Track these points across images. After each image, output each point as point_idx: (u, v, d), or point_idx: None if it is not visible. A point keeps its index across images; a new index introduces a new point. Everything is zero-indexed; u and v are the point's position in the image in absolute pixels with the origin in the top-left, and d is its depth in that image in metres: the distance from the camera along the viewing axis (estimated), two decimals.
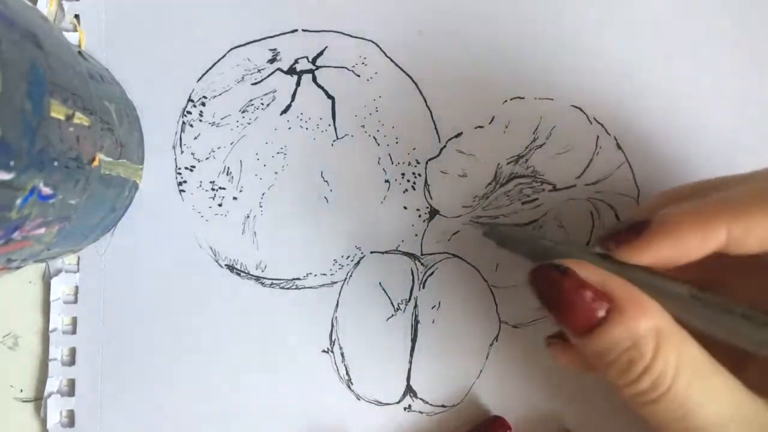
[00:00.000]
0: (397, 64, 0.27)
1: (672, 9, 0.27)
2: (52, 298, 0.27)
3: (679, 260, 0.19)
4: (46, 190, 0.18)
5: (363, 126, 0.27)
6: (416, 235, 0.27)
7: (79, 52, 0.25)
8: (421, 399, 0.27)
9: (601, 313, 0.18)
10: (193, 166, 0.27)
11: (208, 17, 0.27)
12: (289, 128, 0.27)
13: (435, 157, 0.27)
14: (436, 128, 0.27)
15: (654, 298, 0.19)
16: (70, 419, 0.27)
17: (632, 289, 0.19)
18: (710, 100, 0.27)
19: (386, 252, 0.27)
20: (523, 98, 0.27)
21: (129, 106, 0.26)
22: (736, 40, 0.27)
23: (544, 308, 0.20)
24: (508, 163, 0.27)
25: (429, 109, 0.27)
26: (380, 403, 0.27)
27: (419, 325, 0.27)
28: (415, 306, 0.27)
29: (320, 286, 0.27)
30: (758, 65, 0.27)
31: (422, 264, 0.27)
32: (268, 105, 0.27)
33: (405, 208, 0.27)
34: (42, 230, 0.19)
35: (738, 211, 0.18)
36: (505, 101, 0.27)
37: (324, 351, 0.27)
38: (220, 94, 0.27)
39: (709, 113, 0.27)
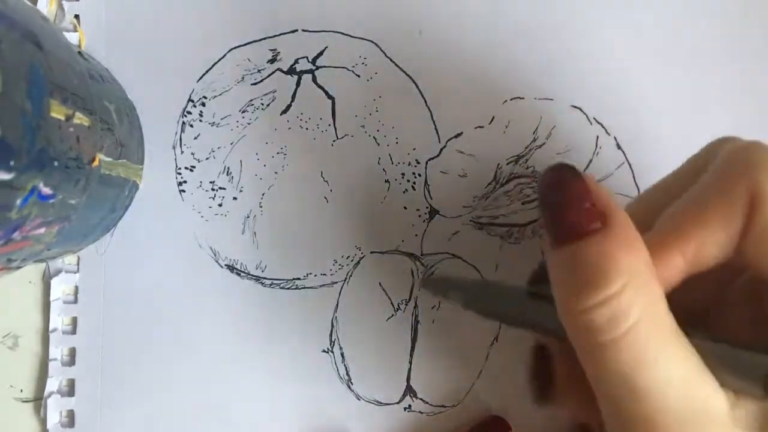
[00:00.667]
0: (397, 64, 0.27)
1: (672, 9, 0.27)
2: (52, 298, 0.27)
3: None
4: (46, 190, 0.18)
5: (363, 126, 0.27)
6: (416, 235, 0.27)
7: (79, 52, 0.25)
8: (421, 399, 0.27)
9: (593, 226, 0.17)
10: (193, 166, 0.27)
11: (208, 17, 0.27)
12: (289, 128, 0.27)
13: (435, 157, 0.27)
14: (436, 128, 0.27)
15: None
16: (70, 419, 0.27)
17: (630, 225, 0.17)
18: (710, 99, 0.27)
19: (386, 252, 0.27)
20: (523, 98, 0.27)
21: (129, 106, 0.26)
22: (737, 40, 0.27)
23: (541, 207, 0.19)
24: (508, 163, 0.27)
25: (429, 109, 0.27)
26: (380, 403, 0.27)
27: (419, 325, 0.27)
28: (415, 306, 0.27)
29: (320, 286, 0.27)
30: (758, 65, 0.27)
31: (422, 264, 0.27)
32: (268, 105, 0.27)
33: (405, 208, 0.27)
34: (42, 230, 0.19)
35: (686, 235, 0.17)
36: (505, 101, 0.27)
37: (324, 351, 0.27)
38: (220, 94, 0.27)
39: (709, 113, 0.27)
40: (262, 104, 0.27)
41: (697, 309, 0.20)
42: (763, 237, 0.16)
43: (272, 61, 0.27)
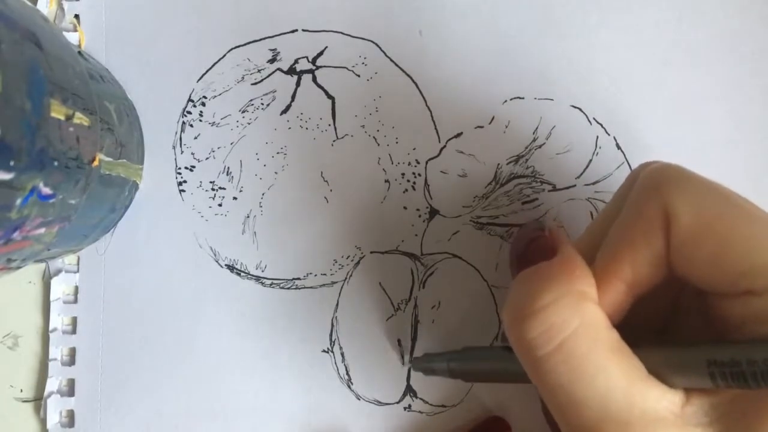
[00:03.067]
0: (397, 64, 0.27)
1: (672, 9, 0.27)
2: (52, 298, 0.27)
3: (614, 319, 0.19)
4: (46, 190, 0.18)
5: (363, 126, 0.27)
6: (416, 235, 0.27)
7: (79, 52, 0.25)
8: (421, 399, 0.27)
9: (541, 258, 0.19)
10: (193, 166, 0.27)
11: (208, 17, 0.27)
12: (289, 128, 0.27)
13: (435, 157, 0.27)
14: (436, 128, 0.27)
15: None
16: (70, 419, 0.27)
17: (574, 255, 0.18)
18: (709, 99, 0.27)
19: (386, 252, 0.27)
20: (523, 98, 0.27)
21: (129, 106, 0.26)
22: (736, 41, 0.27)
23: (510, 255, 0.22)
24: (508, 163, 0.27)
25: (429, 109, 0.27)
26: (380, 403, 0.27)
27: (419, 325, 0.27)
28: (415, 306, 0.27)
29: (320, 286, 0.27)
30: (758, 65, 0.27)
31: (422, 264, 0.27)
32: (268, 105, 0.27)
33: (405, 208, 0.27)
34: (42, 230, 0.19)
35: (620, 261, 0.18)
36: (505, 101, 0.27)
37: (324, 351, 0.27)
38: (220, 94, 0.27)
39: (708, 113, 0.27)
40: (262, 104, 0.27)
41: (659, 320, 0.21)
42: (681, 248, 0.17)
43: (272, 61, 0.27)
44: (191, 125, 0.27)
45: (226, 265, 0.27)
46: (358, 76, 0.27)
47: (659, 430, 0.16)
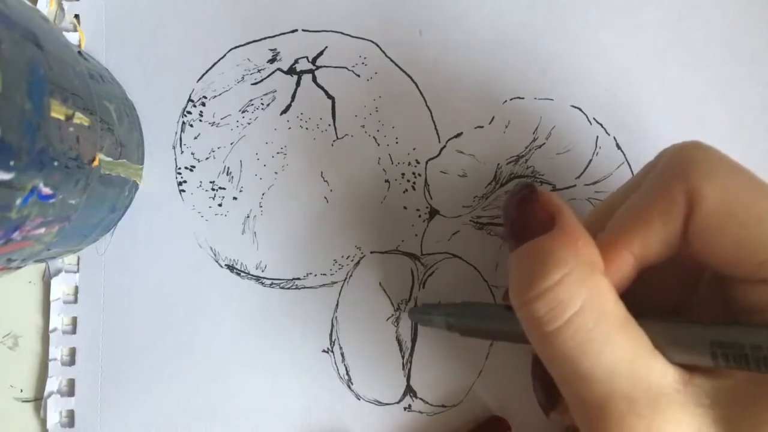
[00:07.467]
0: (397, 64, 0.27)
1: (672, 9, 0.27)
2: (52, 298, 0.27)
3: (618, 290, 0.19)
4: (46, 190, 0.18)
5: (363, 126, 0.27)
6: (416, 235, 0.27)
7: (79, 52, 0.25)
8: (421, 399, 0.27)
9: (541, 229, 0.18)
10: (193, 166, 0.27)
11: (208, 17, 0.27)
12: (289, 128, 0.27)
13: (435, 157, 0.27)
14: (436, 128, 0.27)
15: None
16: (70, 419, 0.27)
17: (576, 225, 0.18)
18: (709, 99, 0.27)
19: (386, 252, 0.27)
20: (523, 98, 0.27)
21: (129, 106, 0.26)
22: (736, 41, 0.27)
23: (503, 220, 0.21)
24: (508, 163, 0.27)
25: (429, 109, 0.27)
26: (380, 403, 0.27)
27: (419, 324, 0.27)
28: (415, 306, 0.27)
29: (320, 286, 0.27)
30: (757, 65, 0.27)
31: (422, 264, 0.27)
32: (268, 105, 0.27)
33: (405, 208, 0.27)
34: (42, 230, 0.19)
35: (632, 234, 0.18)
36: (505, 101, 0.27)
37: (324, 351, 0.27)
38: (220, 94, 0.27)
39: (708, 113, 0.27)
40: (262, 104, 0.27)
41: (674, 301, 0.21)
42: (703, 232, 0.17)
43: (272, 61, 0.27)
44: (191, 125, 0.27)
45: (226, 265, 0.27)
46: (358, 76, 0.27)
47: (662, 405, 0.17)
